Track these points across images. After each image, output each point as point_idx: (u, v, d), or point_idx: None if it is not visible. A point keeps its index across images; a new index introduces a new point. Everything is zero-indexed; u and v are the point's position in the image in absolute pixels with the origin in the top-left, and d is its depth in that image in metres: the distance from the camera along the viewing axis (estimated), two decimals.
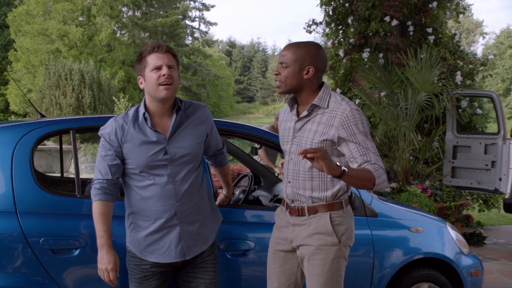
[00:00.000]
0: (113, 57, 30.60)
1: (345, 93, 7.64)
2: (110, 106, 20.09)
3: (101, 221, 2.38)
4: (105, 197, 2.40)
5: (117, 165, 2.44)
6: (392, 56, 7.17)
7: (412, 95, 6.49)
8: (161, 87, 2.40)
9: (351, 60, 7.37)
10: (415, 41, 7.24)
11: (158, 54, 2.41)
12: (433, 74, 6.43)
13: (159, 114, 2.47)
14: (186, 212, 2.50)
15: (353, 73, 7.50)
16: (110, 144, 2.44)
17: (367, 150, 2.35)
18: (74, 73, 19.32)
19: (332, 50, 7.85)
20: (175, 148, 2.46)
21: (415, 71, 6.49)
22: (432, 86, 6.44)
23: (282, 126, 2.64)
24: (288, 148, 2.57)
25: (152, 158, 2.42)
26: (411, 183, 6.44)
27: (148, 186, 2.45)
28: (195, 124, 2.54)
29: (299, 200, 2.53)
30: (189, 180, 2.50)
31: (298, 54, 2.43)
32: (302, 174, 2.50)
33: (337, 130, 2.36)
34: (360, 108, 3.02)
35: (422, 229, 3.40)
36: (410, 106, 6.49)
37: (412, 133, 6.35)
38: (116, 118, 2.48)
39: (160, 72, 2.40)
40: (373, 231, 3.22)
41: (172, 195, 2.45)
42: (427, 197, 6.05)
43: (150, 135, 2.43)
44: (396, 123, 6.44)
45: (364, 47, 7.30)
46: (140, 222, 2.50)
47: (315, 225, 2.48)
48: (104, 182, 2.41)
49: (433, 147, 6.82)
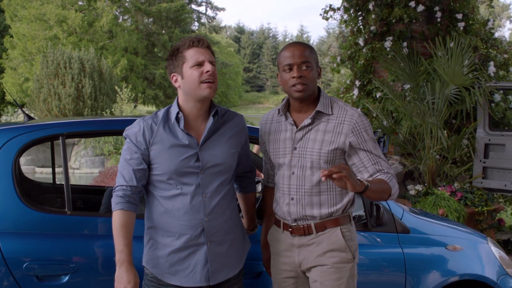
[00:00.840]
0: (115, 44, 30.61)
1: (365, 85, 7.59)
2: (111, 96, 20.15)
3: (122, 234, 2.25)
4: (128, 206, 2.29)
5: (143, 170, 2.34)
6: (417, 45, 7.07)
7: (440, 88, 6.39)
8: (204, 85, 2.32)
9: (371, 50, 7.32)
10: (443, 29, 7.13)
11: (198, 49, 2.35)
12: (463, 65, 6.32)
13: (194, 116, 2.40)
14: (214, 230, 2.38)
15: (374, 63, 7.47)
16: (137, 146, 2.34)
17: (378, 158, 2.37)
18: (74, 61, 19.42)
19: (351, 39, 7.79)
20: (207, 155, 2.37)
21: (443, 61, 6.39)
22: (462, 78, 6.33)
23: (273, 137, 2.54)
24: (288, 161, 2.47)
25: (183, 163, 2.33)
26: (438, 185, 6.35)
27: (175, 197, 2.35)
28: (231, 131, 2.47)
29: (304, 219, 2.45)
30: (220, 193, 2.40)
31: (313, 53, 2.42)
32: (308, 190, 2.43)
33: (346, 138, 2.36)
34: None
35: (460, 246, 3.26)
36: (437, 101, 6.39)
37: (439, 130, 6.27)
38: (144, 118, 2.40)
39: (203, 68, 2.33)
40: (405, 250, 3.10)
41: (200, 208, 2.35)
42: (457, 201, 5.94)
43: (182, 138, 2.35)
44: (422, 119, 6.34)
45: (386, 35, 7.22)
46: (161, 238, 2.38)
47: (327, 242, 2.42)
48: (127, 189, 2.31)
49: (462, 146, 6.70)
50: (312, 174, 2.40)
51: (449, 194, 5.98)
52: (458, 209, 5.72)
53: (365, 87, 7.55)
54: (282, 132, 2.50)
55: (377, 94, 7.23)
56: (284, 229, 2.51)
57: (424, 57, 6.92)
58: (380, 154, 2.39)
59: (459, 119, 6.84)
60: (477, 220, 6.03)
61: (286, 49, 2.43)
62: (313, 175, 2.40)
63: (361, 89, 7.62)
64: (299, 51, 2.39)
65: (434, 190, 6.04)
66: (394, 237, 3.09)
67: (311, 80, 2.39)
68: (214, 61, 2.38)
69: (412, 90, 6.73)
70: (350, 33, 7.87)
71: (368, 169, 2.35)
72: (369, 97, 7.44)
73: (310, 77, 2.39)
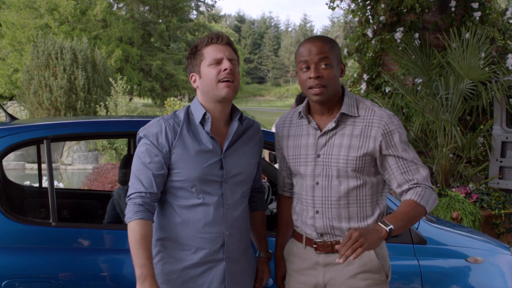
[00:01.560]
0: (109, 33, 30.53)
1: (374, 79, 7.55)
2: (106, 88, 20.09)
3: (143, 245, 2.14)
4: (148, 215, 2.19)
5: (163, 175, 2.25)
6: (430, 36, 7.01)
7: (454, 82, 6.32)
8: (221, 84, 2.25)
9: (381, 41, 7.27)
10: (458, 19, 7.04)
11: (217, 46, 2.28)
12: (480, 57, 6.25)
13: (216, 119, 2.33)
14: (234, 245, 2.32)
15: (383, 56, 7.41)
16: (158, 149, 2.24)
17: (410, 164, 2.25)
18: (66, 52, 19.37)
19: (358, 30, 7.73)
20: (231, 162, 2.32)
21: (457, 54, 6.32)
22: (478, 72, 6.26)
23: (292, 143, 2.42)
24: (311, 170, 2.34)
25: (207, 170, 2.26)
26: (452, 186, 6.29)
27: (195, 206, 2.27)
28: (253, 139, 2.43)
29: (332, 234, 2.33)
30: (241, 205, 2.35)
31: (335, 48, 2.28)
32: (335, 201, 2.31)
33: (375, 142, 2.25)
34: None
35: (481, 259, 3.18)
36: (451, 96, 6.32)
37: (453, 128, 6.20)
38: (164, 117, 2.32)
39: (221, 66, 2.26)
40: (421, 262, 3.03)
41: (222, 221, 2.28)
42: (472, 203, 5.86)
43: (206, 142, 2.28)
44: (435, 116, 6.27)
45: (396, 26, 7.17)
46: (175, 252, 2.29)
47: (358, 262, 2.29)
48: (147, 197, 2.20)
49: (478, 144, 6.63)
50: (339, 184, 2.29)
51: (463, 196, 5.90)
52: (473, 212, 5.64)
53: (374, 81, 7.50)
54: (304, 137, 2.38)
55: (386, 89, 7.16)
56: (307, 244, 2.39)
57: (437, 49, 6.86)
58: (413, 159, 2.26)
59: (475, 116, 6.79)
60: (494, 224, 5.96)
61: (303, 45, 2.30)
62: (340, 185, 2.29)
63: (369, 83, 7.56)
64: (317, 47, 2.25)
65: (448, 191, 5.96)
66: (410, 249, 3.02)
67: (331, 80, 2.25)
68: (236, 59, 2.31)
69: (424, 84, 6.67)
70: (358, 24, 7.82)
71: (397, 178, 2.25)
72: (377, 92, 7.39)
73: (330, 77, 2.24)
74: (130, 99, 27.39)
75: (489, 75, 6.31)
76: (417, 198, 2.20)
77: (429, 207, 2.22)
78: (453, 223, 4.11)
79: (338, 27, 68.03)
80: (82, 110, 18.91)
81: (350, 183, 2.26)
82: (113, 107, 16.81)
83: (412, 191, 2.23)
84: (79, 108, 18.88)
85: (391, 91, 7.05)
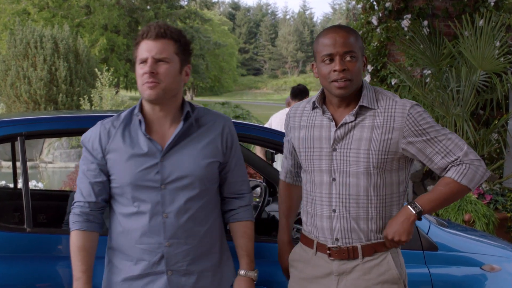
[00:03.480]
0: (93, 21, 30.53)
1: (379, 70, 7.56)
2: (89, 80, 20.09)
3: (80, 258, 2.23)
4: (87, 225, 2.26)
5: (102, 183, 2.30)
6: (439, 24, 7.00)
7: (467, 74, 6.31)
8: (145, 86, 2.24)
9: (386, 30, 7.28)
10: (470, 5, 7.03)
11: (146, 42, 2.25)
12: (494, 47, 6.23)
13: (158, 120, 2.33)
14: (178, 257, 2.29)
15: (389, 45, 7.42)
16: (93, 155, 2.30)
17: (447, 145, 2.24)
18: (46, 40, 19.32)
19: (362, 17, 7.76)
20: (171, 166, 2.28)
21: (470, 43, 6.32)
22: (492, 62, 6.25)
23: (304, 134, 2.40)
24: (327, 165, 2.32)
25: (141, 176, 2.26)
26: None
27: (132, 215, 2.28)
28: (207, 137, 2.35)
29: (349, 237, 2.31)
30: (187, 213, 2.29)
31: (359, 40, 2.28)
32: (354, 199, 2.29)
33: (400, 134, 2.25)
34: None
35: (498, 266, 3.13)
36: (463, 89, 6.32)
37: (465, 123, 6.21)
38: (104, 121, 2.35)
39: (144, 68, 2.24)
40: (432, 270, 2.99)
41: (160, 230, 2.26)
42: (485, 204, 5.87)
43: (142, 144, 2.28)
44: (445, 110, 6.27)
45: (403, 12, 7.16)
46: (118, 262, 2.33)
47: (377, 272, 2.30)
48: (85, 206, 2.28)
49: (492, 141, 6.63)
50: (358, 181, 2.28)
51: (476, 197, 5.90)
52: (487, 214, 5.62)
53: (379, 73, 7.50)
54: (317, 128, 2.35)
55: (392, 81, 7.16)
56: (318, 250, 2.36)
57: (447, 38, 6.84)
58: (448, 134, 2.26)
59: (488, 110, 6.78)
60: (509, 227, 5.99)
61: (325, 34, 2.27)
62: (359, 183, 2.28)
63: (374, 75, 7.57)
64: (343, 37, 2.23)
65: None
66: (419, 255, 2.99)
67: (356, 73, 2.24)
68: (168, 56, 2.24)
69: (434, 76, 6.67)
70: (362, 11, 7.83)
71: (438, 163, 2.24)
72: (383, 84, 7.39)
73: (355, 71, 2.24)
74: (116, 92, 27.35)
75: (505, 65, 6.30)
76: (458, 176, 2.21)
77: (473, 184, 2.23)
78: (465, 226, 4.08)
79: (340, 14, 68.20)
80: (64, 104, 18.86)
81: (370, 180, 2.26)
82: (98, 100, 16.77)
83: (454, 169, 2.23)
84: (61, 102, 18.83)
85: (397, 84, 7.04)
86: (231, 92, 56.07)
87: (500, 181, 6.44)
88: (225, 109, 21.23)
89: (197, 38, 40.27)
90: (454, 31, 6.72)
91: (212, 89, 55.51)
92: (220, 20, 62.01)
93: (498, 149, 6.76)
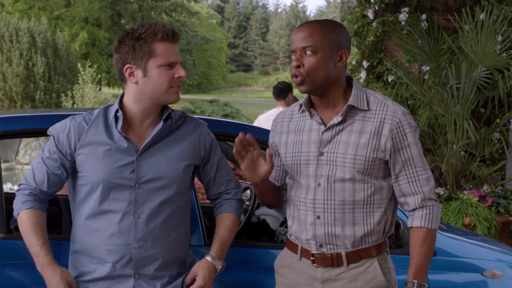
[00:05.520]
0: (72, 13, 30.45)
1: (375, 66, 7.56)
2: (69, 77, 20.02)
3: (35, 234, 2.27)
4: (38, 205, 2.33)
5: (59, 176, 2.36)
6: (439, 18, 6.99)
7: (467, 70, 6.32)
8: (171, 90, 2.34)
9: (383, 24, 7.27)
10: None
11: (171, 45, 2.34)
12: (496, 41, 6.23)
13: (141, 119, 2.39)
14: (147, 261, 2.34)
15: (385, 40, 7.43)
16: (57, 147, 2.35)
17: (418, 172, 2.30)
18: (22, 34, 19.23)
19: (357, 10, 7.75)
20: (147, 166, 2.35)
21: (470, 38, 6.30)
22: (494, 58, 6.23)
23: (292, 139, 2.43)
24: (313, 170, 2.35)
25: (115, 172, 2.32)
26: (464, 188, 6.31)
27: (101, 214, 2.33)
28: (185, 139, 2.43)
29: (333, 244, 2.34)
30: (160, 215, 2.35)
31: (328, 32, 2.27)
32: (339, 205, 2.32)
33: (387, 141, 2.28)
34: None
35: (500, 273, 3.17)
36: (463, 86, 6.32)
37: (466, 122, 6.20)
38: (75, 116, 2.41)
39: (174, 71, 2.33)
40: (430, 276, 2.87)
41: (130, 231, 2.32)
42: (487, 207, 5.87)
43: (118, 141, 2.34)
44: (445, 108, 6.26)
45: (401, 6, 7.17)
46: (83, 265, 2.37)
47: (362, 279, 2.33)
48: (36, 191, 2.35)
49: (493, 140, 6.64)
50: (344, 187, 2.31)
51: (477, 199, 5.91)
52: (488, 217, 5.64)
53: (375, 69, 7.51)
54: (305, 132, 2.38)
55: (389, 78, 7.16)
56: (303, 256, 2.40)
57: (447, 32, 6.84)
58: (424, 165, 2.32)
59: (490, 108, 6.79)
60: (511, 231, 5.97)
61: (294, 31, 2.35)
62: (345, 188, 2.31)
63: (370, 72, 7.58)
64: (303, 32, 2.28)
65: (459, 194, 5.98)
66: None
67: (313, 69, 2.25)
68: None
69: (432, 72, 6.67)
70: (357, 3, 7.83)
71: (402, 187, 2.31)
72: (379, 81, 7.41)
73: (311, 66, 2.25)
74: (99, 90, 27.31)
75: (507, 61, 6.29)
76: (428, 223, 2.31)
77: (438, 224, 2.36)
78: (465, 230, 4.13)
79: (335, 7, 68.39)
80: (42, 102, 18.77)
81: (356, 186, 2.28)
82: (79, 98, 16.72)
83: (420, 214, 2.31)
84: (38, 99, 18.73)
85: (394, 81, 7.04)
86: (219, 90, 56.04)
87: (502, 183, 6.47)
88: (214, 107, 21.14)
89: (184, 33, 40.30)
90: (453, 25, 6.70)
91: (200, 86, 55.46)
92: (208, 13, 62.05)
93: (500, 149, 6.75)
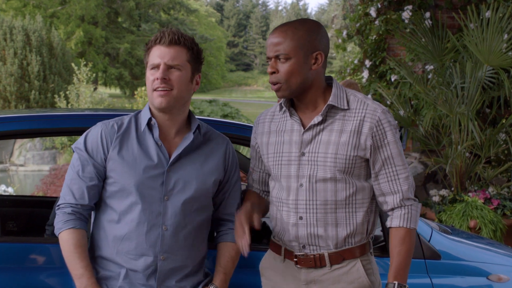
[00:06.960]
0: (68, 11, 30.45)
1: (377, 66, 7.62)
2: (65, 76, 20.04)
3: (78, 255, 2.28)
4: (80, 224, 2.34)
5: (97, 187, 2.38)
6: (443, 15, 7.10)
7: (472, 69, 6.31)
8: (156, 93, 2.34)
9: (386, 22, 7.36)
10: None
11: (159, 48, 2.36)
12: (502, 40, 6.21)
13: (166, 128, 2.42)
14: (170, 273, 2.38)
15: (388, 39, 7.51)
16: (91, 157, 2.36)
17: (397, 171, 2.36)
18: (16, 32, 19.32)
19: (360, 8, 7.83)
20: (176, 177, 2.39)
21: (476, 36, 6.30)
22: (500, 57, 6.22)
23: (274, 139, 2.47)
24: (295, 170, 2.39)
25: (147, 181, 2.35)
26: (469, 190, 6.28)
27: (128, 223, 2.34)
28: (213, 153, 2.48)
29: (316, 245, 2.38)
30: (185, 228, 2.39)
31: (299, 36, 2.31)
32: (321, 205, 2.36)
33: (367, 139, 2.33)
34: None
35: (506, 277, 3.16)
36: (468, 85, 6.31)
37: (470, 122, 6.19)
38: (104, 122, 2.43)
39: (156, 73, 2.34)
40: (434, 280, 3.02)
41: (157, 242, 2.35)
42: (492, 210, 5.88)
43: (151, 151, 2.37)
44: (449, 108, 6.25)
45: (404, 3, 7.27)
46: (104, 272, 2.38)
47: (346, 280, 2.37)
48: (78, 207, 2.35)
49: (499, 141, 6.61)
50: (325, 187, 2.34)
51: (482, 202, 5.91)
52: (494, 220, 5.66)
53: (377, 68, 7.55)
54: (287, 133, 2.42)
55: (392, 77, 7.21)
56: (286, 257, 2.44)
57: (451, 30, 6.87)
58: (403, 164, 2.37)
59: (495, 108, 6.79)
60: None
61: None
62: (327, 188, 2.34)
63: (372, 71, 7.62)
64: (275, 38, 2.33)
65: (464, 196, 5.98)
66: (421, 264, 3.02)
67: (287, 76, 2.31)
68: (180, 64, 2.36)
69: (436, 72, 6.68)
70: (359, 1, 7.89)
71: (382, 186, 2.35)
72: (382, 80, 7.44)
73: (285, 73, 2.31)
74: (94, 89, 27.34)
75: None
76: (407, 223, 2.34)
77: (417, 224, 2.39)
78: (470, 233, 4.12)
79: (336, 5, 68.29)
80: (37, 102, 18.82)
81: (338, 186, 2.33)
82: (74, 98, 16.72)
83: (399, 214, 2.35)
84: (33, 99, 18.79)
85: (397, 80, 7.07)
86: (219, 89, 55.98)
87: (508, 184, 6.44)
88: (213, 107, 21.18)
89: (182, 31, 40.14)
90: (458, 23, 6.67)
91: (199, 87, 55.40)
92: (207, 11, 61.99)
93: (506, 150, 6.73)
